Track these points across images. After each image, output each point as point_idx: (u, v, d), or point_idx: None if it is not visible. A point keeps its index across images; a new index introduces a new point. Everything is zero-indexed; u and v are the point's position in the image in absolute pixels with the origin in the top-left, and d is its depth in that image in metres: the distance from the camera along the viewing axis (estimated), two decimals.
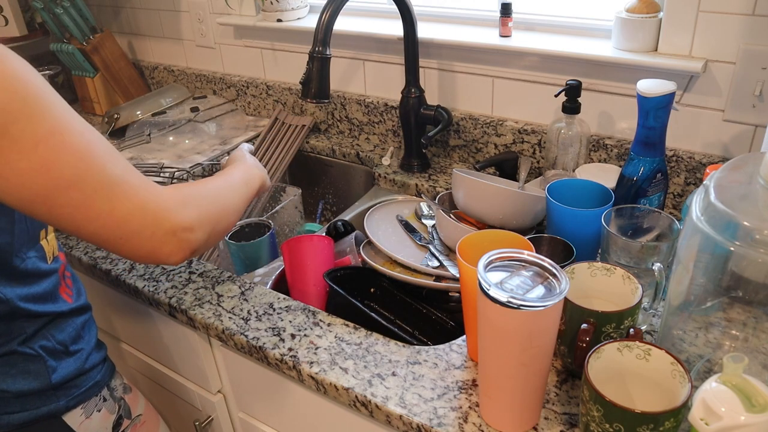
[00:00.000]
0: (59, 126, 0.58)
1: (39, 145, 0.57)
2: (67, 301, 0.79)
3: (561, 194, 0.90)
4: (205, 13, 1.61)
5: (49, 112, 0.58)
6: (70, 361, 0.78)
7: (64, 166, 0.58)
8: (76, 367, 0.78)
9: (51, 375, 0.75)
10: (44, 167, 0.57)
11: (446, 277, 0.97)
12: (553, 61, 1.14)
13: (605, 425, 0.58)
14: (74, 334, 0.79)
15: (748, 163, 0.66)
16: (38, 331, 0.75)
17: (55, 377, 0.76)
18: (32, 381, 0.74)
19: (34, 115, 0.57)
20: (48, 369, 0.75)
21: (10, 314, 0.72)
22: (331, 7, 1.03)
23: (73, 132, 0.59)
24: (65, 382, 0.77)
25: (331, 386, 0.78)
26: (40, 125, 0.57)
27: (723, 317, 0.69)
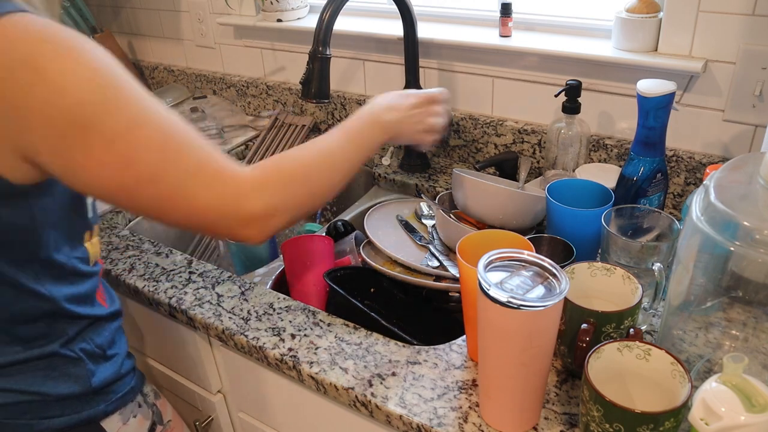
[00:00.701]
0: (139, 119, 0.58)
1: (118, 139, 0.57)
2: (104, 306, 0.79)
3: (561, 194, 0.90)
4: (205, 13, 1.61)
5: (128, 105, 0.58)
6: (107, 366, 0.77)
7: (144, 161, 0.58)
8: (114, 371, 0.77)
9: (91, 379, 0.74)
10: (125, 161, 0.58)
11: (446, 277, 0.97)
12: (553, 61, 1.14)
13: (605, 425, 0.58)
14: (110, 339, 0.79)
15: (748, 163, 0.66)
16: (79, 334, 0.74)
17: (95, 381, 0.75)
18: (73, 384, 0.73)
19: (114, 107, 0.57)
20: (88, 372, 0.74)
21: (52, 314, 0.71)
22: (331, 7, 1.03)
23: (152, 125, 0.59)
24: (104, 387, 0.76)
25: (331, 386, 0.78)
26: (119, 119, 0.57)
27: (723, 317, 0.69)
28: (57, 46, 0.56)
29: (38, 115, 0.55)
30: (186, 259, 1.04)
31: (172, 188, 0.60)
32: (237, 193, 0.62)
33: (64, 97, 0.55)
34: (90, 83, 0.56)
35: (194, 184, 0.61)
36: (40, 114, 0.55)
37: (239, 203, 0.62)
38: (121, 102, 0.58)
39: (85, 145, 0.56)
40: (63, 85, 0.55)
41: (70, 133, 0.56)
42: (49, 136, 0.56)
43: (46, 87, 0.55)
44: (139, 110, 0.59)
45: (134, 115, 0.58)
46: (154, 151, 0.59)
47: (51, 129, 0.56)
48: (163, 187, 0.60)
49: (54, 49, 0.56)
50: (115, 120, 0.57)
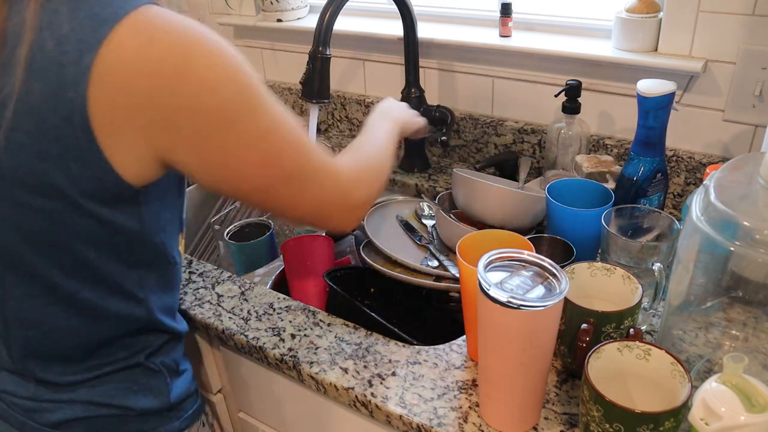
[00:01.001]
0: (278, 121, 0.59)
1: (261, 140, 0.58)
2: (183, 321, 0.78)
3: (561, 194, 0.90)
4: (205, 13, 1.61)
5: (267, 107, 0.59)
6: (181, 381, 0.76)
7: (284, 161, 0.60)
8: (186, 387, 0.77)
9: (170, 393, 0.73)
10: (267, 162, 0.59)
11: (446, 277, 0.97)
12: (553, 61, 1.14)
13: (605, 425, 0.58)
14: (182, 353, 0.78)
15: (748, 163, 0.66)
16: (161, 347, 0.73)
17: (173, 396, 0.74)
18: (153, 399, 0.72)
19: (256, 109, 0.57)
20: (168, 386, 0.73)
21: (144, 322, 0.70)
22: (331, 7, 1.03)
23: (288, 126, 0.61)
24: (179, 403, 0.75)
25: (331, 386, 0.78)
26: (262, 120, 0.58)
27: (723, 317, 0.69)
28: (203, 42, 0.55)
29: (185, 112, 0.54)
30: (186, 259, 1.04)
31: (304, 185, 0.63)
32: (347, 187, 0.69)
33: (212, 96, 0.54)
34: (235, 82, 0.56)
35: (321, 178, 0.65)
36: (186, 111, 0.54)
37: (349, 195, 0.69)
38: (262, 102, 0.58)
39: (229, 144, 0.57)
40: (211, 83, 0.54)
41: (215, 133, 0.56)
42: (194, 135, 0.56)
43: (194, 84, 0.54)
44: (276, 110, 0.60)
45: (273, 115, 0.59)
46: (292, 151, 0.61)
47: (196, 127, 0.55)
48: (297, 185, 0.63)
49: (200, 44, 0.54)
50: (260, 120, 0.58)
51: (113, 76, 0.52)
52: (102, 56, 0.51)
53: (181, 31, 0.54)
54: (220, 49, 0.56)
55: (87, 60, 0.51)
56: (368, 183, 0.74)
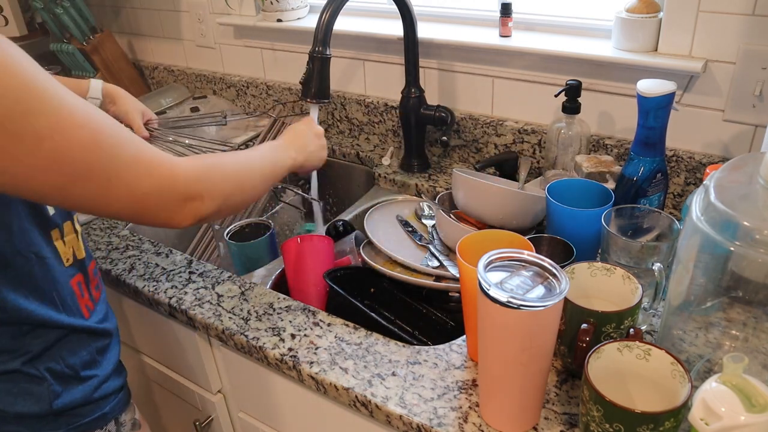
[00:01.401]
0: (61, 120, 0.56)
1: (43, 142, 0.55)
2: (84, 316, 0.75)
3: (561, 194, 0.90)
4: (205, 13, 1.61)
5: (48, 106, 0.55)
6: (78, 388, 0.73)
7: (73, 161, 0.57)
8: (84, 395, 0.74)
9: (53, 400, 0.71)
10: (52, 163, 0.56)
11: (446, 277, 0.97)
12: (553, 61, 1.14)
13: (605, 425, 0.58)
14: (88, 359, 0.75)
15: (748, 163, 0.66)
16: (47, 350, 0.71)
17: (58, 403, 0.71)
18: (32, 404, 0.70)
19: (31, 110, 0.54)
20: (51, 393, 0.71)
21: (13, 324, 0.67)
22: (331, 7, 1.03)
23: (75, 125, 0.57)
24: (68, 410, 0.72)
25: (331, 386, 0.78)
26: (39, 121, 0.54)
27: (723, 317, 0.69)
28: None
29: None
30: (186, 259, 1.04)
31: (107, 182, 0.60)
32: (174, 177, 0.65)
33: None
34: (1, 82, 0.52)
35: (133, 172, 0.61)
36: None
37: (176, 186, 0.65)
38: (40, 101, 0.55)
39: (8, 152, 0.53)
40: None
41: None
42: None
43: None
44: (63, 111, 0.56)
45: (57, 116, 0.56)
46: (85, 149, 0.57)
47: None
48: (100, 182, 0.59)
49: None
50: (36, 121, 0.54)
51: None
52: None
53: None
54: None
55: None
56: (213, 180, 0.69)
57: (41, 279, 0.70)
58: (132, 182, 0.61)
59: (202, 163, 0.69)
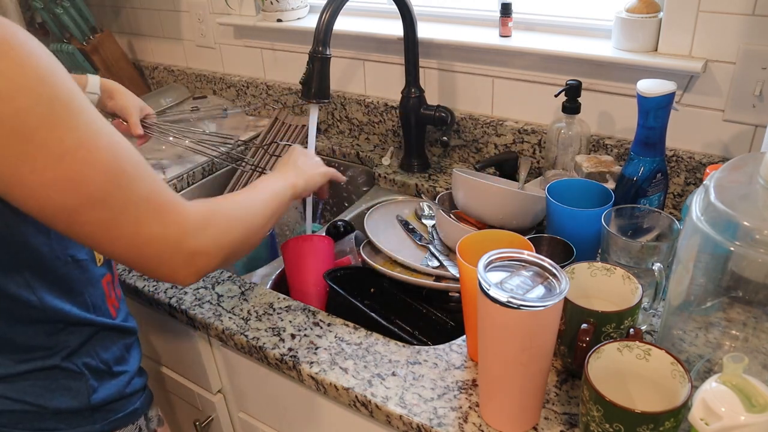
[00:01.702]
0: (88, 137, 0.55)
1: (66, 156, 0.53)
2: (112, 315, 0.75)
3: (561, 194, 0.90)
4: (205, 13, 1.61)
5: (77, 121, 0.54)
6: (112, 383, 0.74)
7: (92, 182, 0.55)
8: (117, 390, 0.75)
9: (91, 395, 0.72)
10: (71, 181, 0.54)
11: (446, 277, 0.97)
12: (553, 61, 1.14)
13: (605, 425, 0.58)
14: (119, 355, 0.76)
15: (748, 163, 0.66)
16: (83, 346, 0.71)
17: (95, 398, 0.72)
18: (71, 399, 0.70)
19: (61, 122, 0.53)
20: (89, 388, 0.71)
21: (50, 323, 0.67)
22: (331, 7, 1.03)
23: (102, 145, 0.56)
24: (104, 405, 0.73)
25: (331, 386, 0.78)
26: (67, 134, 0.53)
27: (723, 317, 0.69)
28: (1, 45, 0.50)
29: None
30: None
31: (119, 214, 0.57)
32: (183, 228, 0.61)
33: (6, 104, 0.50)
34: (34, 92, 0.52)
35: (143, 212, 0.58)
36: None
37: (183, 238, 0.61)
38: (72, 117, 0.54)
39: (26, 158, 0.52)
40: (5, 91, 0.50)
41: (13, 143, 0.52)
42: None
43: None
44: (90, 129, 0.55)
45: (84, 132, 0.55)
46: (105, 174, 0.56)
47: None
48: (109, 212, 0.57)
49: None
50: (63, 135, 0.53)
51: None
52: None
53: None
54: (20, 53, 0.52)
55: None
56: (219, 231, 0.65)
57: (77, 281, 0.70)
58: (139, 221, 0.58)
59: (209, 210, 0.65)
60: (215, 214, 0.66)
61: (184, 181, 1.35)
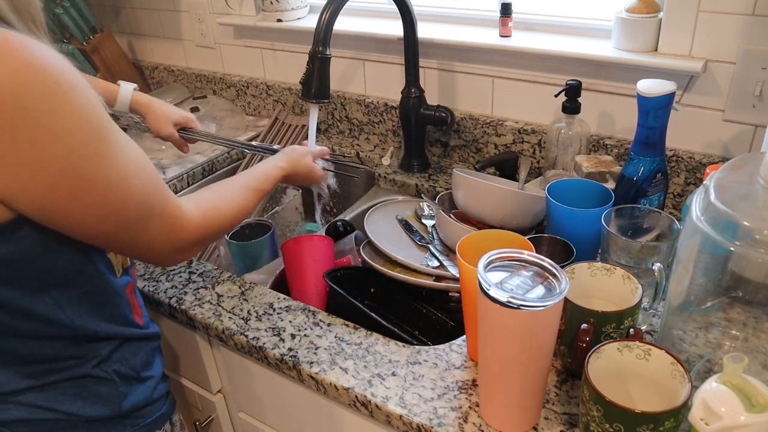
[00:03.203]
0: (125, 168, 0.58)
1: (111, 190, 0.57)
2: (139, 323, 0.76)
3: (561, 194, 0.90)
4: (205, 13, 1.61)
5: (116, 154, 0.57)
6: (140, 389, 0.74)
7: (129, 209, 0.60)
8: (145, 395, 0.75)
9: (122, 402, 0.72)
10: (115, 211, 0.58)
11: (446, 277, 0.97)
12: (553, 61, 1.14)
13: (605, 425, 0.58)
14: (145, 360, 0.76)
15: (748, 163, 0.66)
16: (113, 353, 0.72)
17: (126, 405, 0.72)
18: (103, 407, 0.70)
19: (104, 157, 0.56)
20: (120, 395, 0.72)
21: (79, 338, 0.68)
22: (331, 7, 1.03)
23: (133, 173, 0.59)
24: (133, 411, 0.73)
25: (331, 386, 0.78)
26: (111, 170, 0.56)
27: (723, 317, 0.69)
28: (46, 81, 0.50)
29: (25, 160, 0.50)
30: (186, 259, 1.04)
31: (143, 232, 0.63)
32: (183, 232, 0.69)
33: (55, 144, 0.51)
34: (81, 129, 0.53)
35: (157, 227, 0.65)
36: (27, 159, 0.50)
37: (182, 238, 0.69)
38: (110, 152, 0.56)
39: (75, 195, 0.55)
40: (53, 130, 0.50)
41: (60, 183, 0.53)
42: (36, 184, 0.52)
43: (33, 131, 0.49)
44: (125, 159, 0.58)
45: (122, 165, 0.58)
46: (139, 200, 0.61)
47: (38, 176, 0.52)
48: (137, 232, 0.63)
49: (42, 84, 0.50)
50: (109, 170, 0.56)
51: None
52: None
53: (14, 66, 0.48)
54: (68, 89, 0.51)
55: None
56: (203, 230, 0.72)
57: (103, 294, 0.70)
58: (153, 232, 0.64)
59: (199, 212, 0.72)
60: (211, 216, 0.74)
61: (184, 181, 1.35)
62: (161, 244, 0.66)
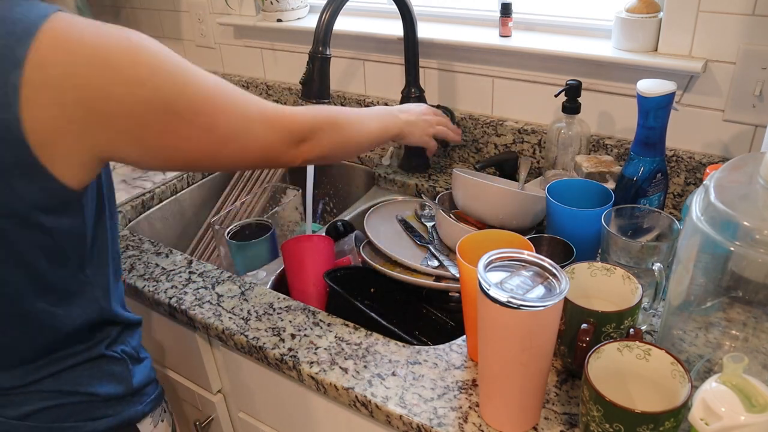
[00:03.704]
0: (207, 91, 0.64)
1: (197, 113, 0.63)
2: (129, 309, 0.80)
3: (561, 194, 0.90)
4: (205, 13, 1.61)
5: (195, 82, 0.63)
6: (141, 368, 0.78)
7: (222, 124, 0.66)
8: (146, 374, 0.79)
9: (132, 379, 0.76)
10: (207, 130, 0.64)
11: (446, 277, 0.97)
12: (553, 61, 1.14)
13: (605, 425, 0.58)
14: (139, 343, 0.80)
15: (748, 163, 0.66)
16: (119, 335, 0.76)
17: (135, 381, 0.76)
18: (117, 385, 0.74)
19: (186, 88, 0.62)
20: (129, 373, 0.76)
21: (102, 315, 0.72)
22: (331, 7, 1.03)
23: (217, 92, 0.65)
24: (141, 388, 0.77)
25: (331, 386, 0.78)
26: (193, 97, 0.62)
27: (723, 317, 0.69)
28: (119, 43, 0.58)
29: (119, 110, 0.58)
30: (186, 259, 1.04)
31: (247, 141, 0.69)
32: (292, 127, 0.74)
33: (142, 88, 0.58)
34: (160, 69, 0.59)
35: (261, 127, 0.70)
36: (121, 109, 0.58)
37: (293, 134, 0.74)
38: (187, 80, 0.62)
39: (168, 127, 0.61)
40: (138, 78, 0.58)
41: (154, 120, 0.60)
42: (133, 128, 0.59)
43: (123, 82, 0.57)
44: (202, 83, 0.64)
45: (201, 88, 0.64)
46: (227, 113, 0.66)
47: (135, 121, 0.59)
48: (241, 143, 0.68)
49: (118, 45, 0.58)
50: (190, 98, 0.62)
51: (42, 94, 0.54)
52: (27, 76, 0.53)
53: (96, 38, 0.57)
54: (138, 43, 0.59)
55: (13, 81, 0.53)
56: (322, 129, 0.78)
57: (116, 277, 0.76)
58: (263, 136, 0.70)
59: (316, 115, 0.78)
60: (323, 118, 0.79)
61: (184, 181, 1.35)
62: (273, 140, 0.72)
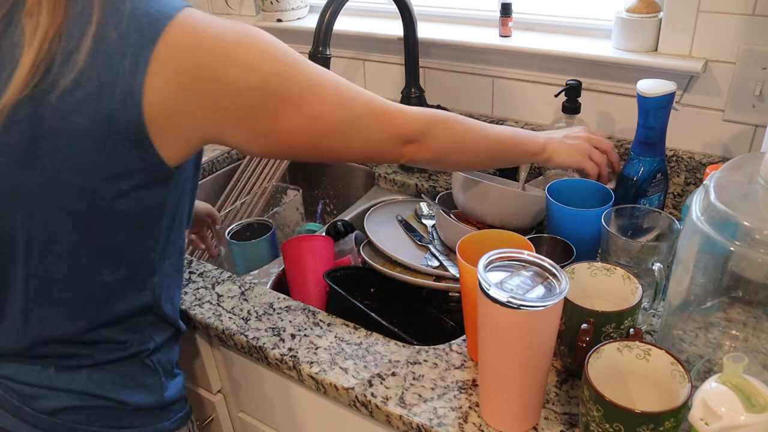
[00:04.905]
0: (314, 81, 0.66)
1: (304, 102, 0.65)
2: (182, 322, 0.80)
3: (561, 194, 0.90)
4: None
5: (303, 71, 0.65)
6: (174, 383, 0.78)
7: (328, 115, 0.67)
8: (178, 390, 0.78)
9: (165, 392, 0.75)
10: (314, 119, 0.66)
11: (446, 277, 0.97)
12: (553, 61, 1.14)
13: (605, 425, 0.58)
14: (177, 358, 0.80)
15: (748, 163, 0.66)
16: (163, 344, 0.76)
17: (167, 395, 0.75)
18: (148, 396, 0.73)
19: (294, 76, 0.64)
20: (162, 385, 0.75)
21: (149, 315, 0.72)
22: (331, 7, 1.03)
23: (325, 83, 0.67)
24: (171, 404, 0.76)
25: (331, 386, 0.78)
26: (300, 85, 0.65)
27: (723, 317, 0.69)
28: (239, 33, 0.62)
29: (230, 91, 0.61)
30: (186, 260, 1.04)
31: (349, 133, 0.70)
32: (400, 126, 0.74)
33: (254, 74, 0.61)
34: (271, 56, 0.63)
35: (367, 123, 0.71)
36: (232, 90, 0.61)
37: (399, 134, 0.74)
38: (297, 69, 0.65)
39: (276, 113, 0.64)
40: (251, 63, 0.61)
41: (261, 105, 0.63)
42: (241, 112, 0.62)
43: (236, 66, 0.61)
44: (312, 74, 0.66)
45: (310, 78, 0.66)
46: (333, 105, 0.67)
47: (243, 104, 0.62)
48: (344, 134, 0.69)
49: (237, 35, 0.62)
50: (298, 86, 0.65)
51: (167, 69, 0.58)
52: (158, 50, 0.58)
53: (218, 28, 0.62)
54: (252, 34, 0.63)
55: (146, 53, 0.58)
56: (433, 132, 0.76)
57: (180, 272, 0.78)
58: (366, 132, 0.71)
59: (428, 117, 0.77)
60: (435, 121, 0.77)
61: None
62: (378, 138, 0.72)
